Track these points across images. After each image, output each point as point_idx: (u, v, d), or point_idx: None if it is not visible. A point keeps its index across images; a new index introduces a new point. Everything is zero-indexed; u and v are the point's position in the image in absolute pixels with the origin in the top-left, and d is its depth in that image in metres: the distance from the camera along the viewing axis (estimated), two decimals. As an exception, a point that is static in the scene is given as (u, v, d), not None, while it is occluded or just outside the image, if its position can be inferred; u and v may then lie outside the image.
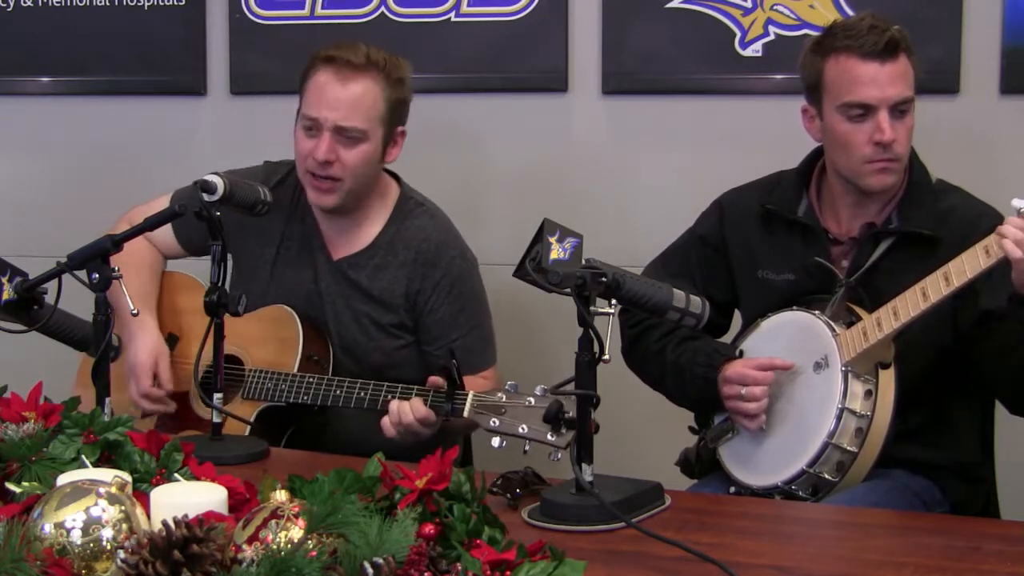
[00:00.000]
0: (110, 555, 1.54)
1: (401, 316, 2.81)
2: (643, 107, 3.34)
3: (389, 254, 2.81)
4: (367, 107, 2.71)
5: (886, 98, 2.43)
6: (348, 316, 2.81)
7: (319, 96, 2.72)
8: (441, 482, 1.71)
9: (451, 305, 2.79)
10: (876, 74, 2.43)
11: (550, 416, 2.10)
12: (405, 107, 2.81)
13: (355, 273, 2.81)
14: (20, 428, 1.97)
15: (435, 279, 2.78)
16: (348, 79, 2.71)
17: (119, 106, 3.70)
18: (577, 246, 2.04)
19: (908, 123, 2.47)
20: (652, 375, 2.67)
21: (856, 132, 2.46)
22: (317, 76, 2.73)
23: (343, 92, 2.70)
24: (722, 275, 2.66)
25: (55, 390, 2.14)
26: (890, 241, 2.48)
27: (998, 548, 1.90)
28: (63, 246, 2.43)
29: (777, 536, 2.04)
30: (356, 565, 1.48)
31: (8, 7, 3.72)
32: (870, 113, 2.44)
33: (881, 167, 2.46)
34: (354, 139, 2.71)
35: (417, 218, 2.83)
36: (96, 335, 2.34)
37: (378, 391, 2.55)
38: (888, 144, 2.43)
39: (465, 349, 2.74)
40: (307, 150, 2.72)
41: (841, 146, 2.49)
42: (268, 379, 2.67)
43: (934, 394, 2.49)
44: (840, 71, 2.47)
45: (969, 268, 2.19)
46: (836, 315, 2.44)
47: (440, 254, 2.79)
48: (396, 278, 2.80)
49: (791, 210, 2.59)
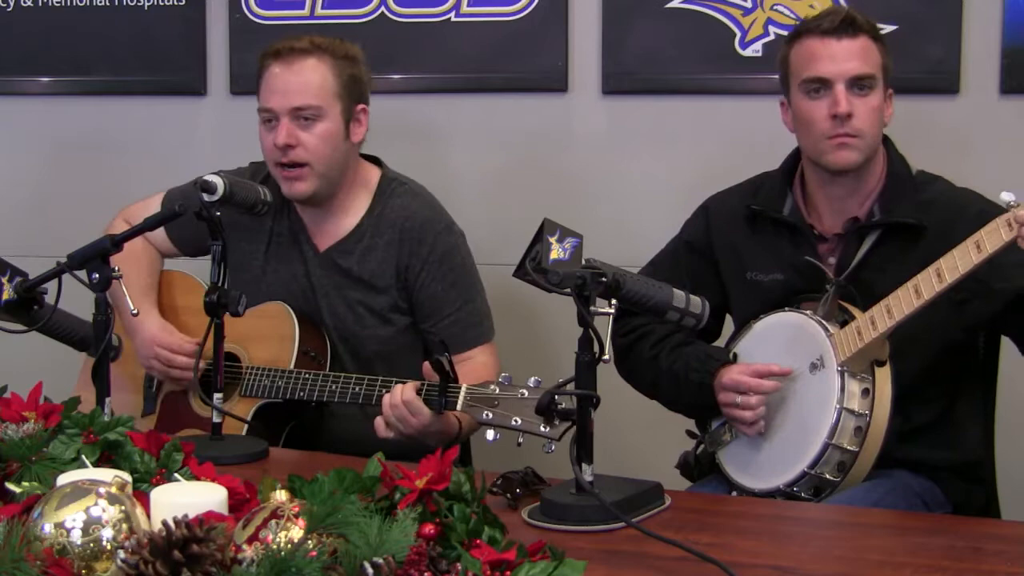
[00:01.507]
0: (110, 555, 1.54)
1: (394, 297, 2.81)
2: (643, 107, 3.34)
3: (375, 235, 2.81)
4: (317, 84, 2.74)
5: (842, 72, 2.46)
6: (342, 306, 2.82)
7: (270, 86, 2.76)
8: (441, 482, 1.71)
9: (442, 280, 2.79)
10: (833, 49, 2.47)
11: (542, 407, 2.10)
12: (361, 84, 2.81)
13: (344, 260, 2.82)
14: (20, 428, 1.97)
15: (423, 255, 2.78)
16: (294, 63, 2.74)
17: (119, 106, 3.71)
18: (577, 246, 2.03)
19: (871, 102, 2.48)
20: (646, 383, 2.67)
21: (815, 108, 2.48)
22: (267, 71, 2.77)
23: (292, 76, 2.74)
24: (711, 279, 2.65)
25: (55, 390, 2.14)
26: (876, 235, 2.48)
27: (998, 548, 1.90)
28: (63, 246, 2.43)
29: (777, 536, 2.03)
30: (356, 565, 1.48)
31: (8, 7, 3.72)
32: (827, 88, 2.46)
33: (840, 142, 2.46)
34: (311, 119, 2.73)
35: (400, 197, 2.84)
36: (96, 335, 2.34)
37: (372, 385, 2.55)
38: (844, 116, 2.44)
39: (460, 324, 2.76)
40: (270, 143, 2.75)
41: (804, 124, 2.51)
42: (265, 376, 2.68)
43: (937, 392, 2.49)
44: (801, 51, 2.52)
45: (961, 264, 2.19)
46: (829, 314, 2.44)
47: (426, 229, 2.79)
48: (385, 258, 2.80)
49: (776, 209, 2.59)
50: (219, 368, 2.45)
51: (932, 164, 2.60)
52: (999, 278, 2.32)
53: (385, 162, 2.91)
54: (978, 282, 2.31)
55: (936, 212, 2.47)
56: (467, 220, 2.93)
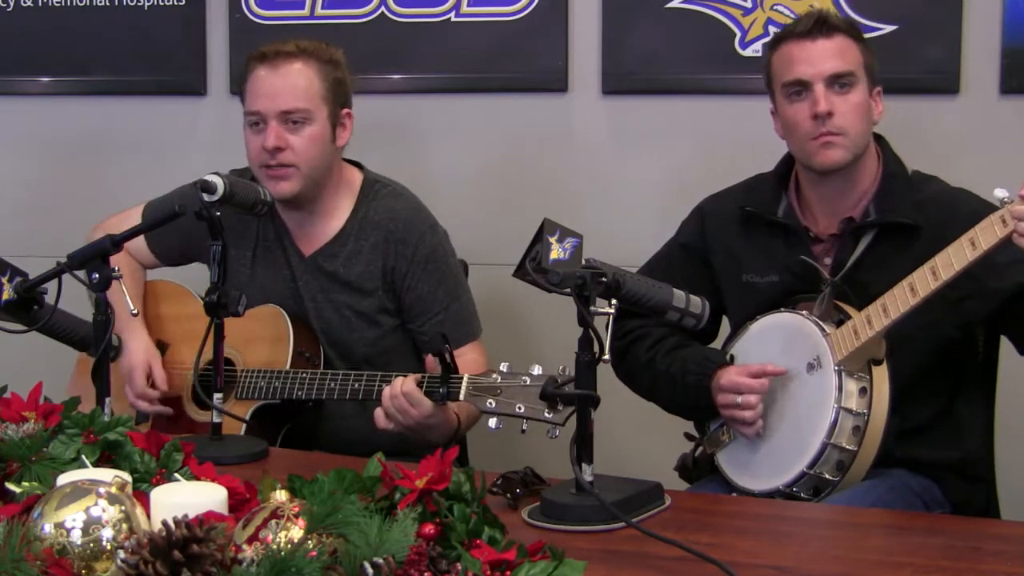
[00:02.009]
0: (110, 555, 1.54)
1: (381, 299, 2.80)
2: (643, 107, 3.34)
3: (360, 238, 2.81)
4: (304, 88, 2.74)
5: (819, 72, 2.47)
6: (329, 310, 2.81)
7: (257, 90, 2.76)
8: (441, 482, 1.71)
9: (428, 281, 2.79)
10: (808, 51, 2.49)
11: (547, 392, 2.10)
12: (344, 87, 2.82)
13: (330, 264, 2.82)
14: (20, 428, 1.97)
15: (408, 255, 2.78)
16: (280, 66, 2.74)
17: (119, 106, 3.71)
18: (577, 246, 2.04)
19: (852, 99, 2.48)
20: (643, 386, 2.67)
21: (798, 111, 2.49)
22: (253, 74, 2.77)
23: (279, 80, 2.74)
24: (707, 282, 2.65)
25: (55, 390, 2.14)
26: (871, 235, 2.49)
27: (998, 548, 1.90)
28: (63, 246, 2.43)
29: (776, 536, 2.03)
30: (356, 565, 1.48)
31: (8, 7, 3.72)
32: (807, 89, 2.48)
33: (823, 141, 2.47)
34: (300, 122, 2.73)
35: (383, 199, 2.84)
36: (96, 335, 2.34)
37: (372, 381, 2.55)
38: (824, 115, 2.45)
39: (448, 322, 2.76)
40: (257, 145, 2.75)
41: (789, 128, 2.53)
42: (261, 378, 2.68)
43: (937, 389, 2.49)
44: (780, 57, 2.54)
45: (956, 261, 2.20)
46: (825, 314, 2.44)
47: (410, 230, 2.80)
48: (370, 260, 2.80)
49: (770, 211, 2.60)
50: (219, 368, 2.45)
51: (932, 164, 2.60)
52: (994, 276, 2.33)
53: (385, 161, 2.91)
54: (974, 280, 2.31)
55: (931, 212, 2.47)
56: (467, 220, 2.93)
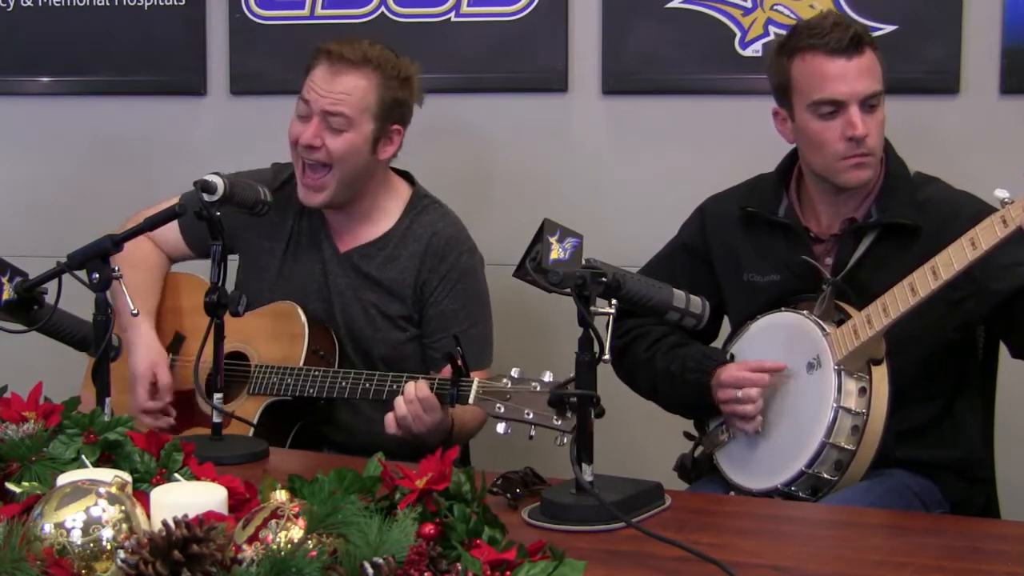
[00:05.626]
0: (110, 555, 1.54)
1: (408, 307, 2.82)
2: (643, 107, 3.34)
3: (400, 246, 2.84)
4: (356, 99, 2.74)
5: (855, 93, 2.44)
6: (356, 307, 2.83)
7: (312, 83, 2.77)
8: (441, 482, 1.71)
9: (454, 300, 2.81)
10: (844, 70, 2.44)
11: (555, 400, 2.10)
12: (404, 107, 2.82)
13: (365, 264, 2.84)
14: (20, 428, 1.97)
15: (442, 272, 2.81)
16: (340, 72, 2.75)
17: (119, 106, 3.71)
18: (577, 246, 2.04)
19: (879, 117, 2.48)
20: (643, 385, 2.67)
21: (828, 129, 2.46)
22: (316, 67, 2.78)
23: (334, 83, 2.75)
24: (708, 281, 2.65)
25: (55, 390, 2.14)
26: (873, 235, 2.49)
27: (997, 548, 1.90)
28: (63, 246, 2.43)
29: (776, 536, 2.04)
30: (356, 565, 1.48)
31: (8, 7, 3.72)
32: (841, 109, 2.45)
33: (856, 162, 2.46)
34: (340, 127, 2.74)
35: (430, 214, 2.87)
36: (96, 335, 2.34)
37: (383, 382, 2.56)
38: (861, 138, 2.44)
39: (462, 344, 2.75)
40: (296, 133, 2.77)
41: (815, 145, 2.49)
42: (274, 374, 2.69)
43: (936, 390, 2.49)
44: (808, 70, 2.47)
45: (956, 260, 2.20)
46: (825, 314, 2.44)
47: (450, 248, 2.82)
48: (406, 268, 2.82)
49: (771, 211, 2.59)
50: (219, 368, 2.46)
51: (932, 164, 2.60)
52: (994, 278, 2.33)
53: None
54: (973, 281, 2.31)
55: (932, 213, 2.47)
56: (466, 220, 2.93)
